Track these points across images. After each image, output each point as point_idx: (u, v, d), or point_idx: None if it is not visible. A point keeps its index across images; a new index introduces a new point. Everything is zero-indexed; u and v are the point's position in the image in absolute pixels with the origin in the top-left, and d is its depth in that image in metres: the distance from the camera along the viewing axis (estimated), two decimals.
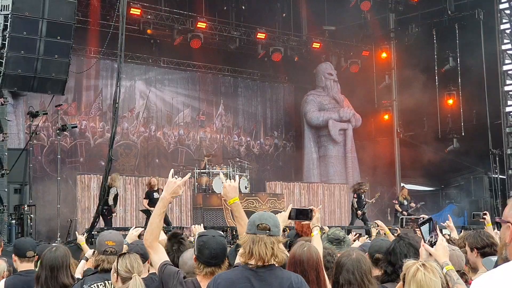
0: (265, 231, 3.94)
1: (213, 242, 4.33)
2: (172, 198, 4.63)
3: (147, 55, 25.23)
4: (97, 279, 5.31)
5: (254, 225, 3.97)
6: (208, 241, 4.35)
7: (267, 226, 3.95)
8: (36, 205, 16.49)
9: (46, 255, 5.60)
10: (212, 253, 4.27)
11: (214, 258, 4.27)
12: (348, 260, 4.53)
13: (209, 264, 4.30)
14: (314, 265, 4.61)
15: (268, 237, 3.94)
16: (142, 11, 23.32)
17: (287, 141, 29.43)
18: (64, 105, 22.46)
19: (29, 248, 6.31)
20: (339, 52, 28.47)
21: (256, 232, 3.94)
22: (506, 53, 24.19)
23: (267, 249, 3.91)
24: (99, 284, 5.26)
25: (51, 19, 14.40)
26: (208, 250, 4.30)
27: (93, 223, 15.31)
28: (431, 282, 3.40)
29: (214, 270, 4.29)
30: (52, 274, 5.49)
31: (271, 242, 3.94)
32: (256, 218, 4.00)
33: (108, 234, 5.64)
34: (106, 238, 5.48)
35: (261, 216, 4.02)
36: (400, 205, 21.89)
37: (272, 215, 4.07)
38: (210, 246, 4.30)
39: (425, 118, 26.66)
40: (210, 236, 4.42)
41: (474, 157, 24.79)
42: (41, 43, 14.39)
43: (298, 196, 24.77)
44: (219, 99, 27.69)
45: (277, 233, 4.00)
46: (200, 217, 20.88)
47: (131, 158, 25.19)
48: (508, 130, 24.18)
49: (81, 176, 20.56)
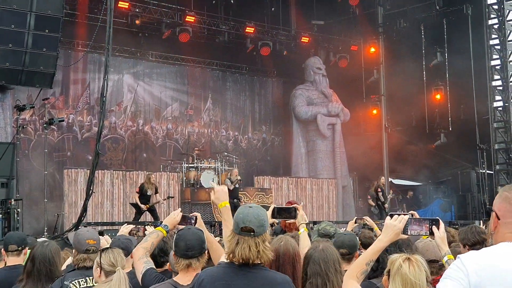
0: (249, 233, 3.89)
1: (188, 233, 4.31)
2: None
3: (135, 49, 25.14)
4: (77, 275, 5.29)
5: (238, 227, 3.92)
6: (184, 233, 4.34)
7: (251, 228, 3.89)
8: (23, 200, 16.40)
9: (38, 250, 5.57)
10: (188, 244, 4.23)
11: (190, 249, 4.23)
12: (315, 251, 4.53)
13: (185, 257, 4.25)
14: (291, 260, 4.61)
15: (253, 238, 3.89)
16: (130, 4, 23.23)
17: (275, 135, 29.43)
18: (52, 99, 22.38)
19: (11, 242, 6.22)
20: (328, 46, 28.48)
21: (240, 233, 3.90)
22: (494, 48, 24.27)
23: (251, 252, 3.87)
24: (80, 281, 5.24)
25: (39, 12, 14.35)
26: (184, 242, 4.26)
27: (80, 217, 15.24)
28: (416, 275, 3.41)
29: (191, 262, 4.25)
30: (46, 268, 5.47)
31: (256, 243, 3.89)
32: (240, 220, 3.92)
33: (87, 233, 5.57)
34: (86, 237, 5.44)
35: (245, 217, 3.92)
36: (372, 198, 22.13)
37: (257, 213, 3.96)
38: (185, 237, 4.28)
39: (413, 113, 26.71)
40: (186, 229, 4.41)
41: (462, 152, 24.85)
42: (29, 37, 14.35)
43: (286, 191, 24.78)
44: (208, 93, 27.65)
45: (262, 232, 3.93)
46: (188, 211, 20.77)
47: (118, 153, 25.12)
48: (496, 125, 24.28)
49: (68, 170, 20.47)
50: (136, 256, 4.69)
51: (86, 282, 5.22)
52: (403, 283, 3.41)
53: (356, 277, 3.82)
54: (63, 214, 18.96)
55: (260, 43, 26.36)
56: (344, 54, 28.26)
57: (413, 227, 3.83)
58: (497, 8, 24.28)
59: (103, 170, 20.93)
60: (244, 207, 4.04)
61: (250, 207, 4.01)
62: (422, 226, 3.86)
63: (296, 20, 28.73)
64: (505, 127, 23.99)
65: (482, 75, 24.04)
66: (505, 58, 23.88)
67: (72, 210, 19.65)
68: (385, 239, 3.82)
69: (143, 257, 4.65)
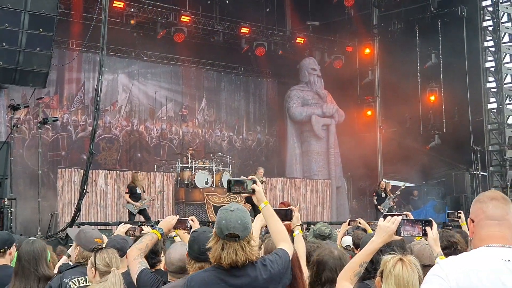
0: (234, 238, 3.92)
1: (203, 237, 4.31)
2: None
3: (130, 48, 25.12)
4: (77, 273, 5.28)
5: (222, 233, 3.94)
6: (198, 236, 4.35)
7: (236, 234, 3.92)
8: (16, 199, 16.36)
9: (23, 248, 5.55)
10: (201, 248, 4.25)
11: (203, 253, 4.25)
12: (330, 258, 4.54)
13: (198, 260, 4.29)
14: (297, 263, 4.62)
15: (238, 242, 3.93)
16: (125, 4, 23.23)
17: (270, 136, 29.43)
18: (46, 98, 22.34)
19: None
20: (323, 47, 28.48)
21: (225, 238, 3.93)
22: (489, 50, 24.31)
23: (238, 256, 3.92)
24: (79, 279, 5.23)
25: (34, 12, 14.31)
26: (197, 245, 4.29)
27: (73, 217, 15.22)
28: (409, 276, 3.42)
29: (204, 266, 4.27)
30: (31, 265, 5.45)
31: (242, 247, 3.93)
32: (224, 226, 3.94)
33: (94, 232, 5.59)
34: (95, 236, 5.46)
35: (228, 223, 3.93)
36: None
37: (239, 217, 3.96)
38: (200, 241, 4.29)
39: (408, 114, 26.75)
40: (201, 232, 4.43)
41: (456, 153, 24.90)
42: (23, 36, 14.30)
43: (280, 192, 24.77)
44: (202, 94, 27.63)
45: (246, 234, 3.95)
46: (182, 211, 20.82)
47: (113, 152, 25.09)
48: (490, 127, 24.32)
49: (62, 170, 20.43)
50: (131, 257, 4.70)
51: (85, 281, 5.21)
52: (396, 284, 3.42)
53: (350, 278, 3.83)
54: (57, 213, 18.91)
55: (255, 43, 26.37)
56: (339, 55, 28.27)
57: (406, 228, 3.84)
58: (492, 10, 24.32)
59: (97, 170, 20.90)
60: (225, 211, 4.02)
61: (232, 210, 4.00)
62: (415, 228, 3.87)
63: (291, 20, 28.77)
64: (499, 129, 24.02)
65: (476, 77, 24.07)
66: (500, 60, 23.91)
67: (66, 209, 19.60)
68: (378, 241, 3.83)
69: (138, 257, 4.67)
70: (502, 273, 2.92)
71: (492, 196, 3.20)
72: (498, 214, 3.11)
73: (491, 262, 2.95)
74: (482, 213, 3.13)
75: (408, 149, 25.88)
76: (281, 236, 4.39)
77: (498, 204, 3.14)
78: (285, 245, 4.31)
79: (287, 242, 4.36)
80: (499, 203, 3.14)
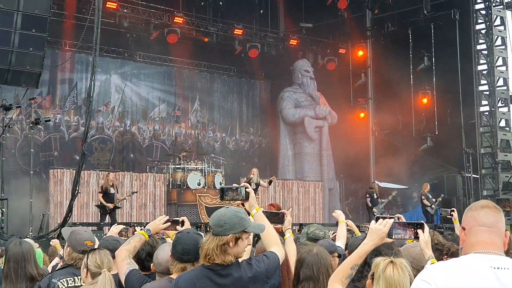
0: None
1: (187, 238, 4.32)
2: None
3: (123, 49, 25.10)
4: (66, 274, 5.25)
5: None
6: (182, 237, 4.36)
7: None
8: (8, 199, 16.31)
9: (12, 250, 5.56)
10: (184, 248, 4.25)
11: (186, 253, 4.25)
12: (308, 255, 4.55)
13: (181, 260, 4.28)
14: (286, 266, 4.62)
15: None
16: (118, 5, 23.16)
17: (262, 137, 29.44)
18: (38, 98, 22.30)
19: None
20: (316, 49, 28.52)
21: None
22: (481, 53, 24.38)
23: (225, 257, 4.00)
24: (68, 279, 5.21)
25: (26, 12, 14.25)
26: (181, 245, 4.29)
27: (65, 218, 15.17)
28: (400, 278, 3.42)
29: (186, 267, 4.26)
30: (19, 266, 5.45)
31: None
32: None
33: (85, 234, 5.53)
34: (85, 238, 5.40)
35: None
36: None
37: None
38: (183, 241, 4.30)
39: (400, 116, 26.79)
40: (185, 233, 4.43)
41: (448, 156, 24.93)
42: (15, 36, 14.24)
43: (272, 193, 24.74)
44: (195, 95, 27.62)
45: (223, 232, 3.96)
46: (174, 213, 20.79)
47: (106, 153, 25.06)
48: (482, 130, 24.40)
49: (54, 170, 20.38)
50: (119, 258, 4.69)
51: (74, 282, 5.19)
52: (387, 286, 3.42)
53: (341, 281, 3.84)
54: (49, 214, 18.85)
55: (248, 45, 26.37)
56: (332, 57, 28.30)
57: (398, 231, 3.84)
58: (485, 13, 24.41)
59: (89, 171, 20.86)
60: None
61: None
62: (407, 231, 3.88)
63: (284, 22, 28.80)
64: (491, 132, 24.11)
65: (469, 80, 24.14)
66: (492, 63, 24.00)
67: (57, 210, 19.57)
68: (370, 243, 3.84)
69: (126, 258, 4.66)
70: (491, 281, 2.93)
71: (484, 204, 3.23)
72: (489, 221, 3.14)
73: (480, 269, 2.97)
74: (474, 220, 3.16)
75: (400, 151, 25.91)
76: (273, 239, 4.42)
77: (490, 212, 3.17)
78: (276, 248, 4.33)
79: (278, 245, 4.38)
80: (490, 211, 3.17)
